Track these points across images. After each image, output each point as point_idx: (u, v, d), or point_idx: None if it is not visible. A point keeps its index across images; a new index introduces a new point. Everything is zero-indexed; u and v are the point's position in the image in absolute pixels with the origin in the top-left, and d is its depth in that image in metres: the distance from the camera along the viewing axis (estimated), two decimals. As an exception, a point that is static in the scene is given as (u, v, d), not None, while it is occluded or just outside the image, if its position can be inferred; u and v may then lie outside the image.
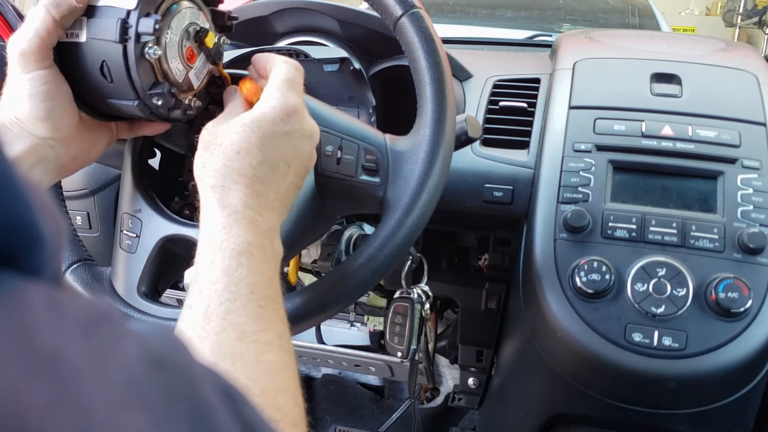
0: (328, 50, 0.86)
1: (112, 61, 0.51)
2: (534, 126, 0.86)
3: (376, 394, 1.48)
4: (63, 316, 0.19)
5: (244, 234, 0.47)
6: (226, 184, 0.48)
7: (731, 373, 0.68)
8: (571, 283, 0.71)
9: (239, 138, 0.49)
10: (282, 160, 0.51)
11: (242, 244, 0.46)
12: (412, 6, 0.61)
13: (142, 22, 0.50)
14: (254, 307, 0.43)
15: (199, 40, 0.56)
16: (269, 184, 0.50)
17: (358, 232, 0.90)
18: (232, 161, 0.49)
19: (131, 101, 0.53)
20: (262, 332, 0.43)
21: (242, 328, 0.42)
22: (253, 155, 0.49)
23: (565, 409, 0.81)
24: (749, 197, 0.72)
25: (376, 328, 1.16)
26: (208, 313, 0.42)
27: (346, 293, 0.59)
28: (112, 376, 0.18)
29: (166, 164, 0.74)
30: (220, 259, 0.45)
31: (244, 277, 0.44)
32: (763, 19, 6.36)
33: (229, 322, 0.42)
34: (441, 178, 0.59)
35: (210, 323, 0.42)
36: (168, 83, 0.54)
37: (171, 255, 0.64)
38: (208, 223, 0.48)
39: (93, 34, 0.51)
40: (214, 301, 0.43)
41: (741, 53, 0.92)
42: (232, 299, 0.43)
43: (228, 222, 0.47)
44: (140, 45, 0.51)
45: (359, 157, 0.60)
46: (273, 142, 0.50)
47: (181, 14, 0.54)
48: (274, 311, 0.45)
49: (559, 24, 1.92)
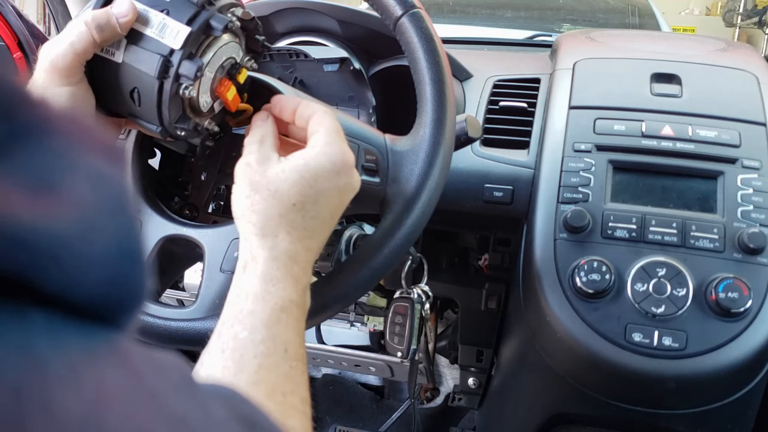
0: (328, 50, 0.86)
1: (145, 92, 0.50)
2: (534, 126, 0.86)
3: (376, 394, 1.48)
4: (171, 376, 0.20)
5: (290, 290, 0.45)
6: (279, 235, 0.47)
7: (731, 373, 0.68)
8: (571, 283, 0.71)
9: (298, 191, 0.47)
10: (330, 215, 0.50)
11: (286, 300, 0.45)
12: (412, 6, 0.61)
13: (185, 65, 0.49)
14: (286, 366, 0.42)
15: (231, 76, 0.55)
16: (317, 239, 0.49)
17: (358, 232, 0.89)
18: (288, 213, 0.47)
19: (154, 126, 0.52)
20: (291, 394, 0.41)
21: (272, 386, 0.41)
22: (307, 209, 0.48)
23: (565, 409, 0.81)
24: (749, 197, 0.72)
25: (376, 328, 1.16)
26: (241, 362, 0.41)
27: (346, 293, 0.59)
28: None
29: (166, 164, 0.74)
30: (261, 311, 0.44)
31: (281, 334, 0.43)
32: (763, 19, 6.36)
33: (261, 377, 0.41)
34: (441, 178, 0.59)
35: (241, 374, 0.41)
36: (194, 114, 0.54)
37: (171, 255, 0.64)
38: (252, 270, 0.46)
39: (131, 60, 0.50)
40: (249, 353, 0.42)
41: (741, 53, 0.92)
42: (267, 354, 0.42)
43: (275, 275, 0.46)
44: (177, 84, 0.50)
45: (359, 157, 0.59)
46: (326, 197, 0.49)
47: (220, 51, 0.53)
48: (302, 374, 0.44)
49: (559, 24, 1.92)
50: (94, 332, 0.18)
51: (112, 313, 0.20)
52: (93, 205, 0.19)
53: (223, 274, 0.57)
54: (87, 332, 0.18)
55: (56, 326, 0.17)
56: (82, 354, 0.17)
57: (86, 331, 0.18)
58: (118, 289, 0.20)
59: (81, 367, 0.17)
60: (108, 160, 0.20)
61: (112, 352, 0.18)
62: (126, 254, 0.20)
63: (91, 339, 0.18)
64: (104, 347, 0.18)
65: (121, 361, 0.18)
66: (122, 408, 0.17)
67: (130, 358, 0.19)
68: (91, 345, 0.18)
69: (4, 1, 1.16)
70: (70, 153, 0.19)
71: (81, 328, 0.18)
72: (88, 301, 0.19)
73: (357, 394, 1.47)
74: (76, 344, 0.17)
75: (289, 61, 0.80)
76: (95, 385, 0.17)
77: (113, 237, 0.19)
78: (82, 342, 0.18)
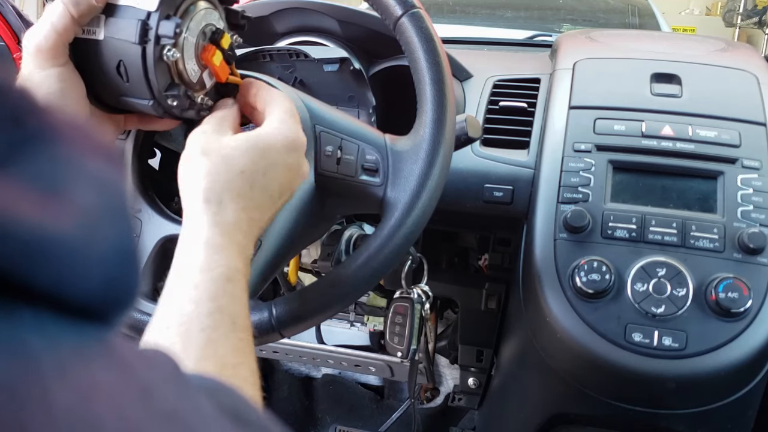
0: (328, 50, 0.86)
1: (130, 62, 0.51)
2: (534, 126, 0.86)
3: (376, 394, 1.48)
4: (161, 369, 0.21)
5: (234, 259, 0.45)
6: (224, 201, 0.47)
7: (731, 373, 0.68)
8: (571, 283, 0.71)
9: (248, 159, 0.48)
10: (278, 191, 0.50)
11: (231, 269, 0.44)
12: (412, 6, 0.61)
13: (163, 25, 0.50)
14: (235, 339, 0.41)
15: (215, 41, 0.56)
16: (263, 212, 0.49)
17: (358, 232, 0.90)
18: (235, 179, 0.47)
19: (146, 101, 0.53)
20: (240, 366, 0.41)
21: (222, 360, 0.40)
22: (255, 179, 0.48)
23: (565, 409, 0.81)
24: (749, 197, 0.72)
25: (376, 328, 1.16)
26: (188, 337, 0.40)
27: (346, 293, 0.59)
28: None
29: (166, 164, 0.74)
30: (207, 282, 0.43)
31: (228, 305, 0.42)
32: (763, 19, 6.36)
33: (210, 352, 0.40)
34: (441, 178, 0.59)
35: (188, 350, 0.39)
36: (183, 84, 0.54)
37: (171, 255, 0.63)
38: (194, 238, 0.45)
39: (111, 33, 0.51)
40: (195, 326, 0.40)
41: (741, 53, 0.92)
42: (214, 327, 0.41)
43: (218, 242, 0.45)
44: (159, 47, 0.50)
45: (359, 157, 0.60)
46: (276, 171, 0.50)
47: (198, 15, 0.54)
48: (249, 344, 0.43)
49: (559, 24, 1.92)
50: (86, 330, 0.19)
51: (105, 313, 0.20)
52: (95, 209, 0.19)
53: None
54: (78, 330, 0.18)
55: (48, 324, 0.18)
56: (73, 351, 0.18)
57: (78, 328, 0.19)
58: (113, 290, 0.20)
59: (72, 364, 0.17)
60: (109, 165, 0.21)
61: (104, 349, 0.19)
62: (123, 256, 0.20)
63: (82, 336, 0.18)
64: (95, 344, 0.19)
65: (112, 357, 0.19)
66: (113, 403, 0.17)
67: (121, 353, 0.19)
68: (82, 342, 0.18)
69: (4, 1, 1.16)
70: (75, 159, 0.19)
71: (73, 326, 0.18)
72: (82, 301, 0.19)
73: (357, 394, 1.47)
74: (68, 341, 0.18)
75: (289, 61, 0.80)
76: (87, 381, 0.17)
77: (113, 240, 0.20)
78: (73, 339, 0.18)
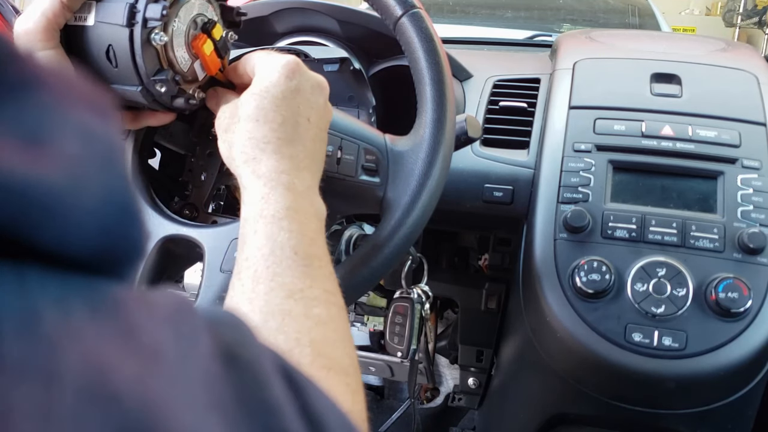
0: (328, 50, 0.86)
1: (118, 46, 0.51)
2: (534, 126, 0.86)
3: (376, 394, 1.48)
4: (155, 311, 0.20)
5: (283, 199, 0.47)
6: (256, 156, 0.49)
7: (731, 373, 0.68)
8: (571, 283, 0.71)
9: (253, 107, 0.50)
10: (300, 116, 0.51)
11: (282, 210, 0.47)
12: (412, 6, 0.61)
13: (150, 8, 0.50)
14: (300, 266, 0.44)
15: (206, 31, 0.56)
16: (296, 144, 0.50)
17: (358, 232, 0.90)
18: (254, 131, 0.49)
19: (134, 87, 0.53)
20: (309, 289, 0.44)
21: (290, 287, 0.43)
22: (271, 119, 0.50)
23: (565, 409, 0.81)
24: (749, 197, 0.72)
25: (376, 328, 1.16)
26: (256, 277, 0.43)
27: (345, 293, 0.59)
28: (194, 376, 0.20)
29: (166, 164, 0.74)
30: (262, 227, 0.46)
31: (287, 240, 0.45)
32: (763, 19, 6.36)
33: (277, 282, 0.43)
34: (441, 178, 0.59)
35: (258, 285, 0.43)
36: (173, 71, 0.54)
37: (171, 255, 0.64)
38: (248, 196, 0.48)
39: (101, 17, 0.51)
40: (261, 266, 0.44)
41: (741, 53, 0.92)
42: (277, 262, 0.44)
43: (265, 191, 0.48)
44: (147, 30, 0.51)
45: (359, 157, 0.60)
46: (286, 101, 0.51)
47: (189, 4, 0.54)
48: (319, 269, 0.46)
49: (559, 24, 1.92)
50: (92, 284, 0.19)
51: (111, 265, 0.20)
52: (82, 158, 0.19)
53: (223, 274, 0.57)
54: (84, 284, 0.18)
55: (52, 280, 0.18)
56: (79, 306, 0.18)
57: (83, 283, 0.18)
58: (113, 240, 0.20)
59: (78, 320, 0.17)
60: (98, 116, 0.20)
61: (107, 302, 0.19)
62: (117, 206, 0.20)
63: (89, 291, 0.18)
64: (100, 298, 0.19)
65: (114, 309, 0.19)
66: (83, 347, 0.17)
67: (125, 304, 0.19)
68: (87, 297, 0.18)
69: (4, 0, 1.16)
70: (59, 107, 0.19)
71: (79, 281, 0.18)
72: (85, 254, 0.19)
73: (357, 394, 1.47)
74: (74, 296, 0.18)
75: (289, 61, 0.80)
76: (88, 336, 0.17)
77: (103, 189, 0.19)
78: (79, 293, 0.18)
